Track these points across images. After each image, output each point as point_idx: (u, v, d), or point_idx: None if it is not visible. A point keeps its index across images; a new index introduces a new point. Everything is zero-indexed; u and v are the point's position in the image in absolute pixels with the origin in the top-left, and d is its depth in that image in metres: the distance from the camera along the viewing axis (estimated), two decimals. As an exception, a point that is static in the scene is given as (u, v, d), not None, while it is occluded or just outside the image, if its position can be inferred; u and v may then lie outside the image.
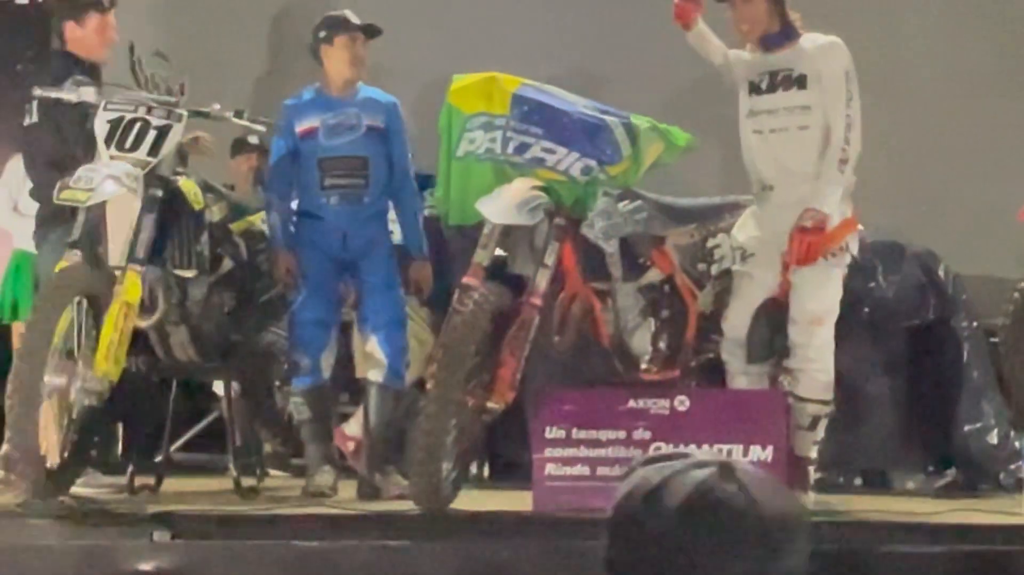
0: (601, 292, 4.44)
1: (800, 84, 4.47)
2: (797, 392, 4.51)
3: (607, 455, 4.22)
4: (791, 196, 4.47)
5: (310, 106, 4.87)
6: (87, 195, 4.14)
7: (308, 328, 4.80)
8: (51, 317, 4.01)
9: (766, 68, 4.54)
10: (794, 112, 4.47)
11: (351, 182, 4.83)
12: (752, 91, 4.55)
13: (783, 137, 4.48)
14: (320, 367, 4.82)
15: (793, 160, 4.47)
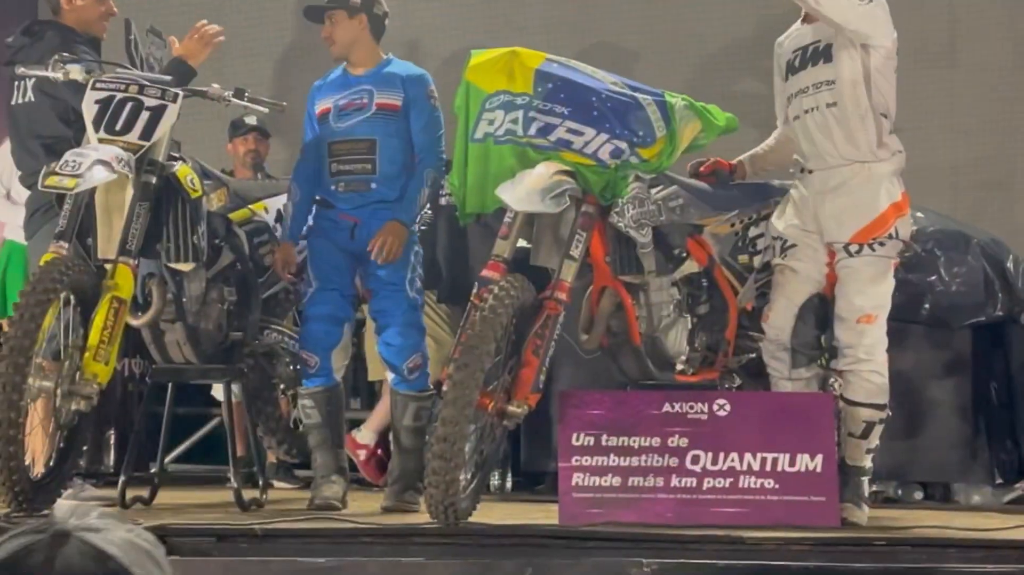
0: (632, 286, 4.41)
1: (826, 57, 4.44)
2: (848, 396, 4.48)
3: (640, 464, 4.20)
4: (831, 181, 4.45)
5: (330, 86, 4.91)
6: (75, 182, 4.14)
7: (316, 324, 4.81)
8: (36, 314, 4.01)
9: (801, 43, 4.52)
10: (821, 89, 4.44)
11: (357, 167, 4.83)
12: (788, 73, 4.54)
13: (814, 119, 4.46)
14: (330, 367, 4.83)
15: (825, 141, 4.43)
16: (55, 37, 4.83)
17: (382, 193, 4.80)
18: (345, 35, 4.85)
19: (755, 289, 4.68)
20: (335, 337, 4.81)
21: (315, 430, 4.85)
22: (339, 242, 4.82)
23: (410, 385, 4.83)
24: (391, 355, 4.82)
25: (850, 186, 4.42)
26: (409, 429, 4.85)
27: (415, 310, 4.85)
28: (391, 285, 4.79)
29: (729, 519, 4.13)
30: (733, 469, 4.21)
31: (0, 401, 3.95)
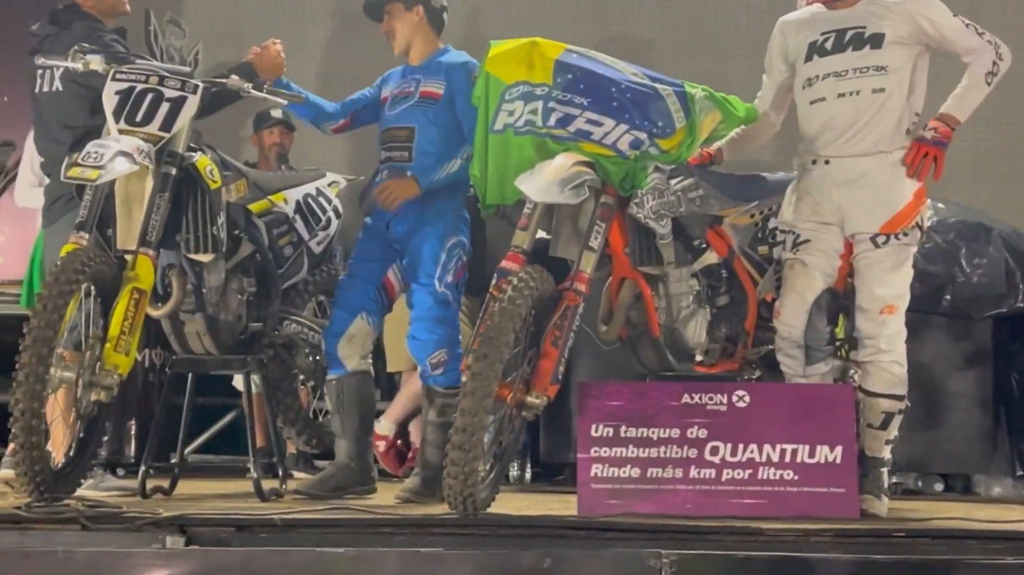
0: (652, 277, 4.41)
1: (875, 44, 4.41)
2: (867, 387, 4.47)
3: (659, 455, 4.20)
4: (851, 171, 4.42)
5: (395, 75, 4.99)
6: (97, 173, 4.15)
7: (335, 309, 4.90)
8: (59, 305, 4.02)
9: (831, 26, 4.47)
10: (868, 74, 4.40)
11: (396, 155, 4.87)
12: (813, 54, 4.48)
13: (852, 103, 4.41)
14: (336, 355, 4.85)
15: (861, 129, 4.40)
16: (81, 27, 4.84)
17: (422, 178, 4.80)
18: (404, 28, 4.91)
19: (775, 280, 4.67)
20: (343, 324, 4.85)
21: (332, 418, 4.91)
22: (381, 234, 4.88)
23: (435, 380, 4.84)
24: (415, 349, 4.84)
25: (873, 176, 4.40)
26: (433, 424, 4.86)
27: (444, 305, 4.84)
28: (420, 277, 4.82)
29: (748, 510, 4.12)
30: (752, 460, 4.20)
31: (24, 392, 3.96)
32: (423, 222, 4.83)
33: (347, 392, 4.86)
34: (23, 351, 3.99)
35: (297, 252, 4.98)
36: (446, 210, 4.86)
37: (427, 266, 4.81)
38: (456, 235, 4.87)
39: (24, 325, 4.04)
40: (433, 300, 4.81)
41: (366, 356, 4.93)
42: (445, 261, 4.83)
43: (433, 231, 4.83)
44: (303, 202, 5.05)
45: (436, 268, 4.81)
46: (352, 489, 4.78)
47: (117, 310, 4.19)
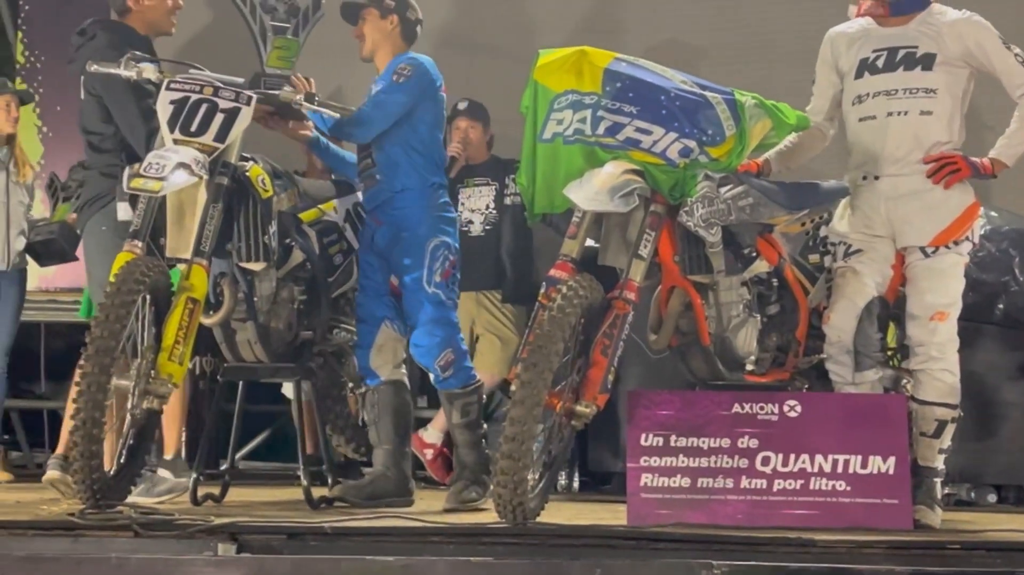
0: (702, 286, 4.38)
1: (925, 65, 4.40)
2: (919, 395, 4.44)
3: (709, 465, 4.18)
4: (904, 187, 4.42)
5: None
6: (159, 184, 4.21)
7: (359, 325, 4.92)
8: (121, 315, 4.06)
9: (883, 44, 4.46)
10: (917, 96, 4.40)
11: (364, 163, 4.92)
12: (864, 71, 4.47)
13: (901, 123, 4.41)
14: (368, 367, 4.87)
15: (910, 148, 4.39)
16: (104, 37, 4.90)
17: (388, 184, 4.84)
18: (374, 34, 4.93)
19: (826, 289, 4.64)
20: (369, 336, 4.87)
21: (368, 428, 4.93)
22: (369, 245, 4.91)
23: (448, 383, 4.85)
24: (420, 356, 4.85)
25: (923, 192, 4.40)
26: (460, 426, 4.87)
27: (438, 306, 4.83)
28: (409, 286, 4.84)
29: (800, 521, 4.10)
30: (804, 471, 4.17)
31: (86, 401, 4.00)
32: (402, 229, 4.85)
33: (381, 401, 4.87)
34: (85, 360, 4.02)
35: (347, 260, 5.00)
36: (423, 214, 4.86)
37: (414, 272, 4.82)
38: (437, 236, 4.87)
39: (85, 334, 4.07)
40: (427, 303, 4.81)
41: (399, 365, 4.93)
42: (430, 263, 4.83)
43: (412, 237, 4.84)
44: (353, 211, 5.07)
45: (422, 271, 4.82)
46: (388, 499, 4.76)
47: (171, 319, 4.22)
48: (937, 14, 4.48)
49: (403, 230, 4.84)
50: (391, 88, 4.81)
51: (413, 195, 4.84)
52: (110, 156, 4.85)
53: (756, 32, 6.61)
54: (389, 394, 4.88)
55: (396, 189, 4.84)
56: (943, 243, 4.39)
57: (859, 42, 4.52)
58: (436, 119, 4.93)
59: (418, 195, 4.84)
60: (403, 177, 4.84)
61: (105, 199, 4.80)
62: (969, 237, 4.44)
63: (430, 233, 4.84)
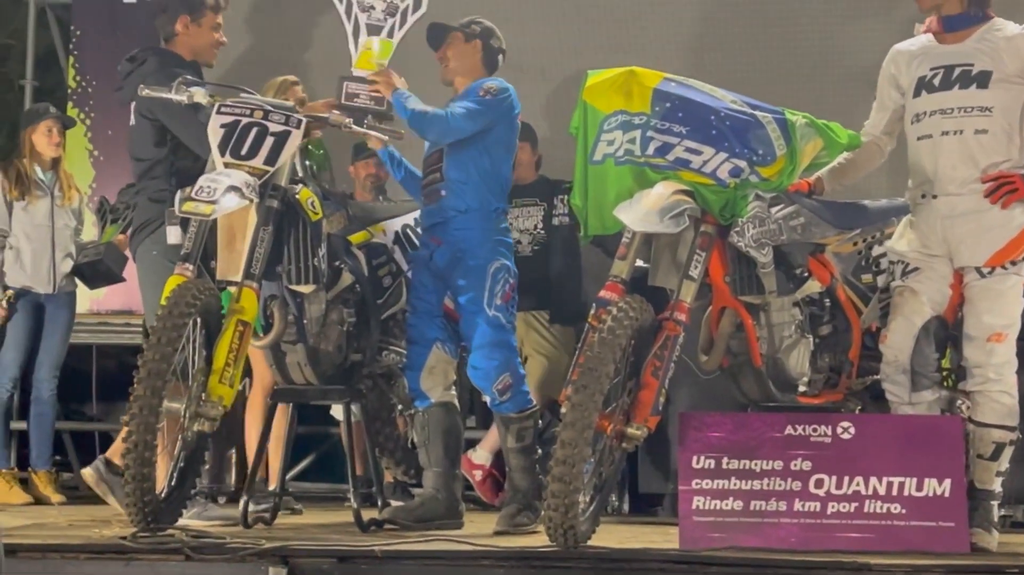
0: (753, 306, 4.35)
1: (981, 83, 4.34)
2: (977, 417, 4.37)
3: (762, 488, 4.13)
4: (960, 207, 4.36)
5: None
6: (211, 208, 4.23)
7: (410, 347, 4.91)
8: (173, 338, 4.07)
9: (940, 62, 4.41)
10: (972, 114, 4.34)
11: (431, 177, 4.91)
12: (921, 90, 4.42)
13: (956, 142, 4.35)
14: (419, 389, 4.86)
15: (965, 168, 4.34)
16: (153, 62, 4.95)
17: (452, 202, 4.83)
18: (457, 58, 4.93)
19: (879, 309, 4.59)
20: (420, 358, 4.86)
21: (418, 450, 4.93)
22: (426, 264, 4.89)
23: (504, 407, 4.83)
24: (478, 379, 4.83)
25: (979, 213, 4.34)
26: (514, 450, 4.85)
27: (498, 329, 4.80)
28: (470, 306, 4.82)
29: (855, 544, 4.04)
30: (858, 493, 4.12)
31: (138, 423, 4.01)
32: (463, 251, 4.83)
33: (432, 423, 4.86)
34: (138, 383, 4.04)
35: (396, 282, 5.01)
36: (484, 238, 4.85)
37: (474, 294, 4.80)
38: (498, 259, 4.86)
39: (137, 357, 4.09)
40: (487, 326, 4.79)
41: (449, 387, 4.92)
42: (491, 286, 4.82)
43: (474, 259, 4.83)
44: (401, 232, 5.08)
45: (484, 294, 4.80)
46: (438, 521, 4.75)
47: (222, 342, 4.23)
48: (996, 29, 4.42)
49: (463, 252, 4.83)
50: (478, 101, 4.82)
51: (475, 217, 4.83)
52: (159, 182, 4.89)
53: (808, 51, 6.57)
54: (439, 416, 4.86)
55: (460, 209, 4.83)
56: (1000, 263, 4.33)
57: (918, 59, 4.47)
58: (509, 145, 4.93)
59: (480, 217, 4.84)
60: (468, 198, 4.84)
61: (154, 224, 4.83)
62: None
63: (491, 256, 4.83)
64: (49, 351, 6.23)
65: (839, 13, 6.56)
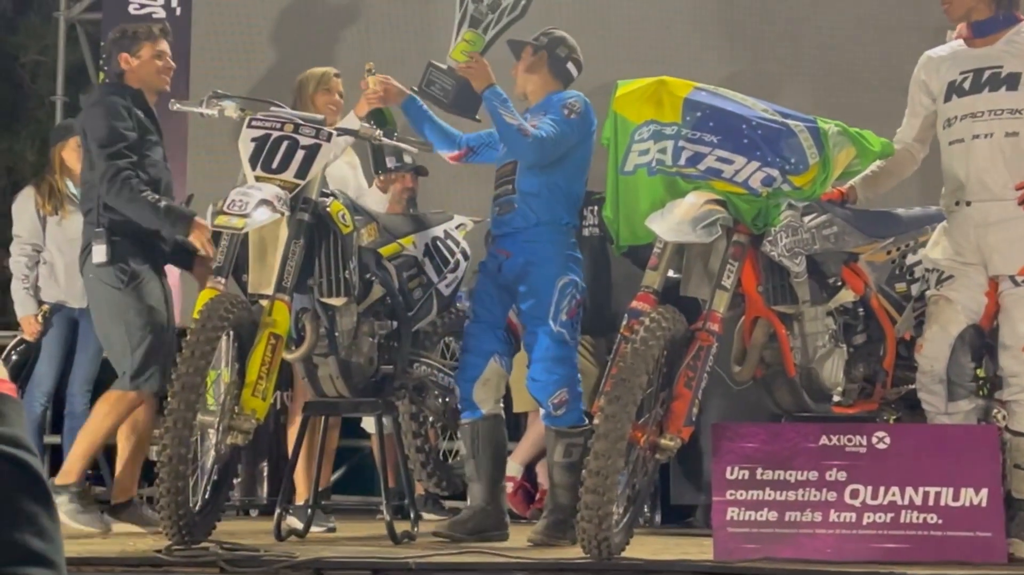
0: (786, 316, 4.33)
1: (1011, 85, 4.31)
2: (1013, 426, 4.33)
3: (797, 499, 4.11)
4: (993, 214, 4.33)
5: None
6: (243, 222, 4.24)
7: (465, 356, 4.91)
8: (206, 351, 4.09)
9: (970, 66, 4.38)
10: (1002, 117, 4.31)
11: (504, 189, 4.92)
12: (952, 94, 4.40)
13: (987, 145, 4.32)
14: (471, 400, 4.85)
15: (997, 172, 4.31)
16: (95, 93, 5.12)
17: (524, 215, 4.83)
18: (526, 70, 4.98)
19: (914, 318, 4.56)
20: (477, 369, 4.85)
21: (466, 462, 4.89)
22: (493, 275, 4.90)
23: (557, 420, 4.81)
24: (536, 391, 4.82)
25: (1014, 219, 4.30)
26: (560, 465, 4.83)
27: (561, 344, 4.80)
28: (534, 319, 4.81)
29: (891, 555, 4.01)
30: (894, 503, 4.09)
31: (172, 437, 4.03)
32: (531, 263, 4.83)
33: (482, 436, 4.86)
34: (172, 397, 4.05)
35: (426, 295, 5.01)
36: (554, 251, 4.85)
37: (540, 307, 4.79)
38: (567, 274, 4.84)
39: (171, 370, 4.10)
40: (550, 340, 4.78)
41: (499, 399, 4.93)
42: (558, 300, 4.80)
43: (542, 272, 4.82)
44: (432, 245, 5.08)
45: (550, 308, 4.79)
46: (488, 533, 4.76)
47: (255, 355, 4.24)
48: (1022, 32, 4.40)
49: (532, 264, 4.83)
50: (565, 122, 4.82)
51: (547, 231, 4.84)
52: (90, 202, 4.95)
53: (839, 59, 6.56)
54: (490, 428, 4.87)
55: (532, 222, 4.84)
56: None
57: (948, 64, 4.45)
58: (584, 162, 4.93)
59: (551, 231, 4.84)
60: (541, 211, 4.84)
61: (88, 248, 4.88)
62: None
63: (560, 271, 4.83)
64: (82, 365, 6.26)
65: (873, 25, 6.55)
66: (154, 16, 7.15)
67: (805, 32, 6.62)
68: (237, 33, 7.16)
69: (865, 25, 6.56)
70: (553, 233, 4.84)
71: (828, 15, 6.62)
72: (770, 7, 6.72)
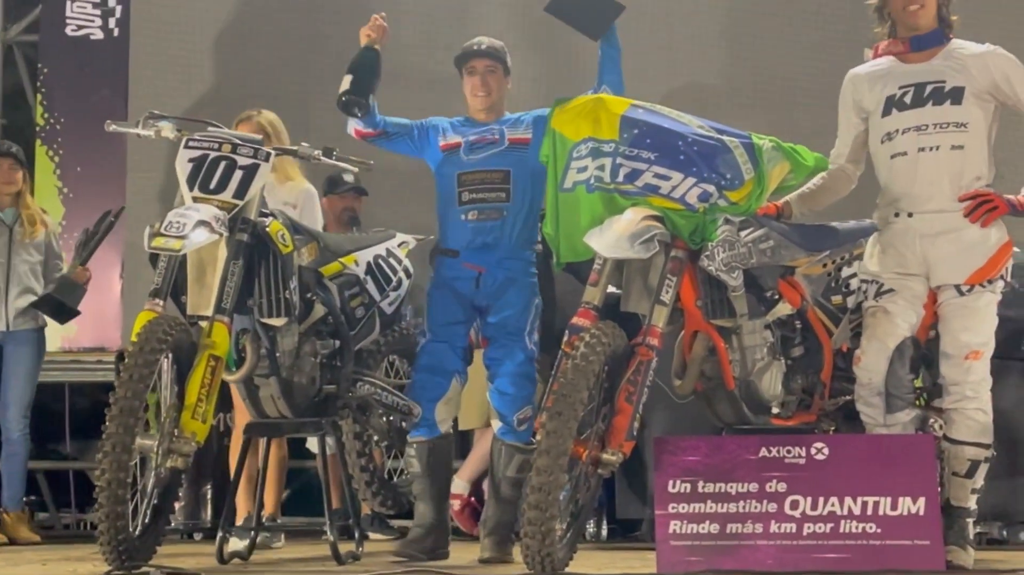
0: (725, 330, 4.37)
1: (955, 99, 4.39)
2: (952, 435, 4.40)
3: (738, 510, 4.14)
4: (937, 224, 4.39)
5: (457, 125, 5.03)
6: (181, 243, 4.22)
7: (423, 375, 4.89)
8: (145, 375, 4.05)
9: (910, 80, 4.45)
10: (948, 130, 4.38)
11: (491, 195, 4.88)
12: (891, 108, 4.46)
13: (933, 158, 4.39)
14: (432, 419, 4.86)
15: (943, 184, 4.38)
16: None
17: (511, 229, 4.84)
18: (499, 89, 5.00)
19: (850, 330, 4.62)
20: (440, 389, 4.85)
21: (417, 480, 4.90)
22: (462, 292, 4.86)
23: (518, 436, 4.84)
24: (503, 404, 4.83)
25: (959, 230, 4.38)
26: (511, 480, 4.85)
27: (530, 362, 4.86)
28: (510, 334, 4.83)
29: (831, 565, 4.06)
30: (834, 514, 4.13)
31: (111, 462, 3.99)
32: (512, 281, 4.86)
33: (437, 454, 4.87)
34: (110, 421, 4.02)
35: (369, 313, 5.00)
36: (531, 270, 4.91)
37: (519, 321, 4.83)
38: (537, 296, 4.91)
39: (110, 395, 4.08)
40: (524, 356, 4.83)
41: (454, 418, 4.95)
42: (532, 318, 4.86)
43: (522, 290, 4.87)
44: (374, 263, 5.08)
45: (527, 324, 4.84)
46: (439, 551, 4.79)
47: (194, 377, 4.22)
48: (959, 48, 4.47)
49: (514, 282, 4.85)
50: None
51: (527, 251, 4.89)
52: None
53: (774, 75, 6.64)
54: (443, 447, 4.90)
55: (515, 241, 4.85)
56: (979, 282, 4.36)
57: (883, 80, 4.50)
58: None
59: (530, 251, 4.90)
60: (528, 231, 4.88)
61: None
62: (1003, 276, 4.42)
63: (534, 288, 4.89)
64: (15, 390, 6.17)
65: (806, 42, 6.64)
66: (92, 37, 7.12)
67: (740, 50, 6.70)
68: (176, 54, 7.14)
69: (798, 42, 6.65)
70: (530, 253, 4.91)
71: (762, 33, 6.71)
72: (706, 26, 6.80)
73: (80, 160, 6.98)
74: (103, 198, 6.64)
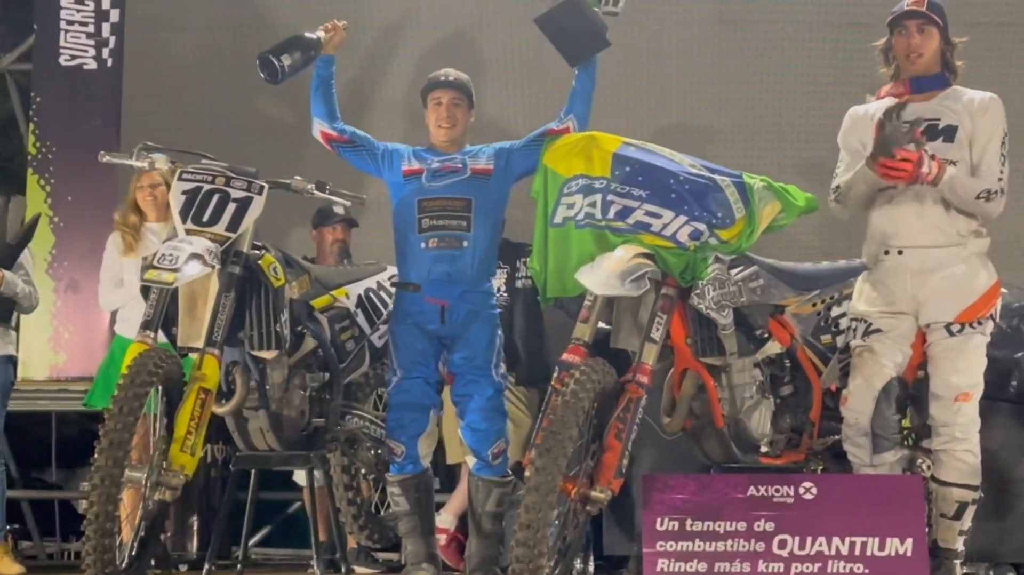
0: (714, 368, 4.38)
1: (947, 136, 4.41)
2: (940, 476, 4.40)
3: (726, 549, 4.14)
4: (927, 262, 4.40)
5: (421, 153, 4.98)
6: (173, 276, 4.22)
7: (402, 412, 4.81)
8: (134, 407, 4.05)
9: (907, 118, 4.47)
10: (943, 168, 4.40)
11: (452, 223, 4.82)
12: None
13: (923, 194, 4.40)
14: (416, 454, 4.82)
15: (933, 221, 4.39)
16: None
17: (473, 262, 4.78)
18: (464, 122, 4.96)
19: (839, 369, 4.63)
20: (421, 424, 4.82)
21: (404, 517, 4.85)
22: (426, 326, 4.82)
23: (493, 470, 4.82)
24: (476, 440, 4.81)
25: (950, 267, 4.39)
26: (491, 515, 4.83)
27: (499, 394, 4.83)
28: (477, 368, 4.79)
29: (819, 605, 4.06)
30: (821, 554, 4.13)
31: (99, 494, 3.98)
32: (476, 314, 4.82)
33: (423, 490, 4.85)
34: (99, 453, 4.00)
35: (359, 347, 5.00)
36: (492, 303, 4.88)
37: (486, 354, 4.80)
38: (498, 324, 4.88)
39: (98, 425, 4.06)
40: (493, 390, 4.80)
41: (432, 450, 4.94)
42: (497, 351, 4.83)
43: (485, 324, 4.83)
44: (364, 296, 5.08)
45: (492, 356, 4.81)
46: None
47: (183, 410, 4.22)
48: (960, 93, 4.50)
49: (478, 316, 4.80)
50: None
51: (486, 283, 4.86)
52: None
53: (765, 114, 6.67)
54: (428, 482, 4.87)
55: (475, 273, 4.80)
56: (968, 320, 4.37)
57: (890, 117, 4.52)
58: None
59: (488, 283, 4.87)
60: (487, 262, 4.85)
61: None
62: (992, 316, 4.43)
63: (496, 324, 4.86)
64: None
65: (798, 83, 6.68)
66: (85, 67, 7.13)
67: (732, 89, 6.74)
68: (169, 85, 7.16)
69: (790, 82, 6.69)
70: (489, 284, 4.88)
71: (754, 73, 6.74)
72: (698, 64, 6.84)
73: (71, 190, 6.97)
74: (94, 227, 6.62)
